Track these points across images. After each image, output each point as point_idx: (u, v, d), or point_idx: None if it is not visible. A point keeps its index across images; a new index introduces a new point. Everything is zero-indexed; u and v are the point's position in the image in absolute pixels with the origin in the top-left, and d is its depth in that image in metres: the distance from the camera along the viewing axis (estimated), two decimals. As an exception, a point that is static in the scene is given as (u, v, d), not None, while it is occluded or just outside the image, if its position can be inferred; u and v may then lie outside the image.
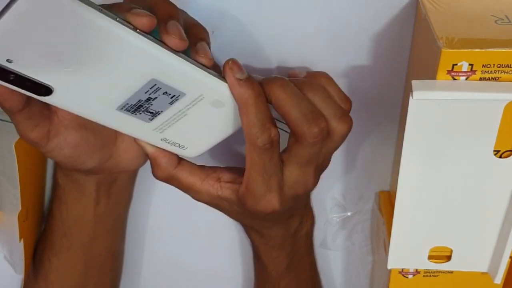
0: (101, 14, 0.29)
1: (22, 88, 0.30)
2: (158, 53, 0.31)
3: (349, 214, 0.54)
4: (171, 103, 0.34)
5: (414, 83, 0.34)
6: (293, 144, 0.37)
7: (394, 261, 0.42)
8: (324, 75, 0.39)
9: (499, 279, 0.42)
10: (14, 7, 0.26)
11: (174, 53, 0.32)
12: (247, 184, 0.38)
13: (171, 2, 0.35)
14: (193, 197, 0.41)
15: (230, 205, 0.41)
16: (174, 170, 0.39)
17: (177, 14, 0.34)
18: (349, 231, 0.55)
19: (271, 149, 0.36)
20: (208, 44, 0.36)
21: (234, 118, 0.36)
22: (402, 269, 0.45)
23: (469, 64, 0.33)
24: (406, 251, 0.42)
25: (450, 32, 0.34)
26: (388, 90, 0.46)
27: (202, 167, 0.40)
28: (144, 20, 0.30)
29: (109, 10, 0.30)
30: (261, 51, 0.44)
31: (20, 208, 0.45)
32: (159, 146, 0.38)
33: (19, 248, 0.47)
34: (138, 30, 0.30)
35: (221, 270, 0.59)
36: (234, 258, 0.58)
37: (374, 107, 0.47)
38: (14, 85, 0.30)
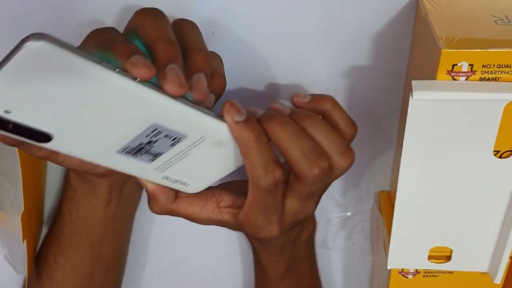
0: (100, 67, 0.28)
1: (21, 136, 0.30)
2: (157, 100, 0.31)
3: (349, 214, 0.54)
4: (173, 144, 0.34)
5: (414, 83, 0.34)
6: (294, 181, 0.36)
7: (394, 261, 0.42)
8: (329, 100, 0.38)
9: (499, 279, 0.42)
10: (13, 60, 0.26)
11: (174, 98, 0.31)
12: (247, 216, 0.38)
13: (172, 40, 0.34)
14: (193, 222, 0.40)
15: (230, 226, 0.41)
16: (172, 205, 0.39)
17: (176, 53, 0.33)
18: (349, 231, 0.55)
19: (275, 190, 0.35)
20: (207, 74, 0.34)
21: (236, 156, 0.36)
22: (402, 269, 0.45)
23: (469, 64, 0.33)
24: (406, 251, 0.42)
25: (450, 32, 0.34)
26: (388, 90, 0.46)
27: (199, 193, 0.39)
28: (142, 72, 0.29)
29: (108, 58, 0.29)
30: (261, 51, 0.44)
31: (23, 209, 0.45)
32: (160, 183, 0.37)
33: (22, 249, 0.47)
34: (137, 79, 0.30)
35: (222, 271, 0.59)
36: (236, 260, 0.58)
37: (374, 107, 0.47)
38: (13, 134, 0.29)
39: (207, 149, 0.35)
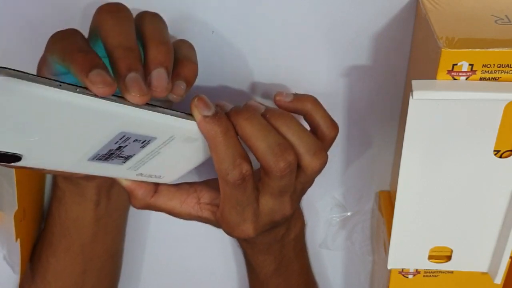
0: (60, 90, 0.28)
1: None
2: (122, 111, 0.31)
3: (349, 214, 0.54)
4: (143, 147, 0.34)
5: (414, 83, 0.34)
6: (264, 176, 0.36)
7: (394, 261, 0.42)
8: (310, 99, 0.38)
9: (499, 279, 0.42)
10: None
11: (138, 106, 0.31)
12: (222, 213, 0.38)
13: (131, 46, 0.32)
14: (174, 216, 0.40)
15: (211, 223, 0.41)
16: (151, 199, 0.39)
17: (136, 59, 0.32)
18: (349, 231, 0.55)
19: (243, 184, 0.35)
20: (168, 64, 0.33)
21: (206, 148, 0.36)
22: (402, 269, 0.45)
23: (469, 64, 0.33)
24: (406, 251, 0.42)
25: (450, 32, 0.34)
26: (388, 90, 0.46)
27: (180, 187, 0.40)
28: (101, 90, 0.29)
29: (67, 82, 0.29)
30: (260, 51, 0.44)
31: (16, 208, 0.45)
32: (135, 179, 0.38)
33: (16, 248, 0.47)
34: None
35: (219, 271, 0.59)
36: (231, 259, 0.58)
37: (374, 107, 0.47)
38: None
39: (177, 146, 0.35)
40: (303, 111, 0.38)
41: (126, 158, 0.35)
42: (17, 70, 0.27)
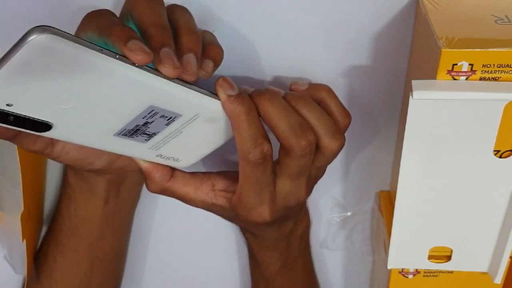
0: (102, 55, 0.29)
1: (22, 128, 0.30)
2: (155, 83, 0.32)
3: (349, 214, 0.54)
4: (168, 124, 0.35)
5: (414, 83, 0.34)
6: (283, 157, 0.37)
7: (394, 261, 0.42)
8: (325, 88, 0.39)
9: (499, 279, 0.42)
10: (16, 55, 0.26)
11: (169, 80, 0.32)
12: (239, 195, 0.38)
13: (165, 25, 0.35)
14: (187, 204, 0.41)
15: (224, 211, 0.41)
16: (168, 183, 0.39)
17: (168, 37, 0.34)
18: (349, 231, 0.55)
19: (264, 164, 0.36)
20: (197, 54, 0.35)
21: (226, 130, 0.37)
22: (402, 269, 0.45)
23: (469, 64, 0.33)
24: (406, 251, 0.42)
25: (450, 32, 0.34)
26: (388, 90, 0.46)
27: (195, 175, 0.40)
28: (140, 58, 0.30)
29: (106, 44, 0.30)
30: (261, 51, 0.44)
31: (22, 209, 0.45)
32: (153, 161, 0.38)
33: (21, 248, 0.47)
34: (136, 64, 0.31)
35: (221, 270, 0.59)
36: (234, 259, 0.58)
37: (374, 107, 0.47)
38: (13, 126, 0.30)
39: (200, 126, 0.36)
40: (318, 98, 0.39)
41: (150, 135, 0.35)
42: (61, 30, 0.27)
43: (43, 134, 0.31)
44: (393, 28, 0.42)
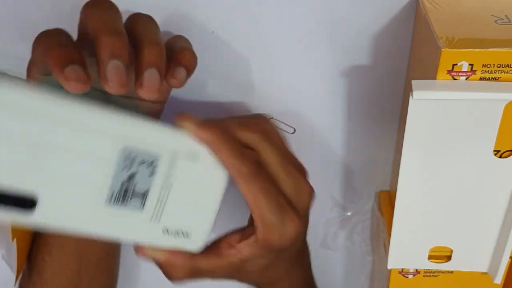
0: (56, 101, 0.27)
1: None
2: (115, 117, 0.30)
3: (349, 214, 0.54)
4: (152, 174, 0.33)
5: (414, 83, 0.34)
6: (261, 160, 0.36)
7: (394, 261, 0.42)
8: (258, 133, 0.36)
9: (499, 279, 0.42)
10: None
11: (132, 117, 0.31)
12: (262, 221, 0.35)
13: (116, 30, 0.31)
14: (215, 278, 0.38)
15: (254, 262, 0.38)
16: (191, 261, 0.36)
17: (120, 45, 0.31)
18: (349, 231, 0.55)
19: (260, 170, 0.34)
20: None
21: (214, 169, 0.35)
22: (402, 269, 0.45)
23: (469, 64, 0.33)
24: (406, 251, 0.42)
25: (450, 32, 0.34)
26: (388, 90, 0.46)
27: (207, 246, 0.37)
28: (72, 87, 0.28)
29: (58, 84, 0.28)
30: (260, 51, 0.44)
31: None
32: (163, 244, 0.36)
33: (13, 248, 0.47)
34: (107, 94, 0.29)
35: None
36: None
37: (374, 107, 0.47)
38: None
39: (185, 170, 0.34)
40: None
41: (142, 196, 0.33)
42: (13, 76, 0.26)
43: (28, 218, 0.30)
44: (393, 28, 0.42)
